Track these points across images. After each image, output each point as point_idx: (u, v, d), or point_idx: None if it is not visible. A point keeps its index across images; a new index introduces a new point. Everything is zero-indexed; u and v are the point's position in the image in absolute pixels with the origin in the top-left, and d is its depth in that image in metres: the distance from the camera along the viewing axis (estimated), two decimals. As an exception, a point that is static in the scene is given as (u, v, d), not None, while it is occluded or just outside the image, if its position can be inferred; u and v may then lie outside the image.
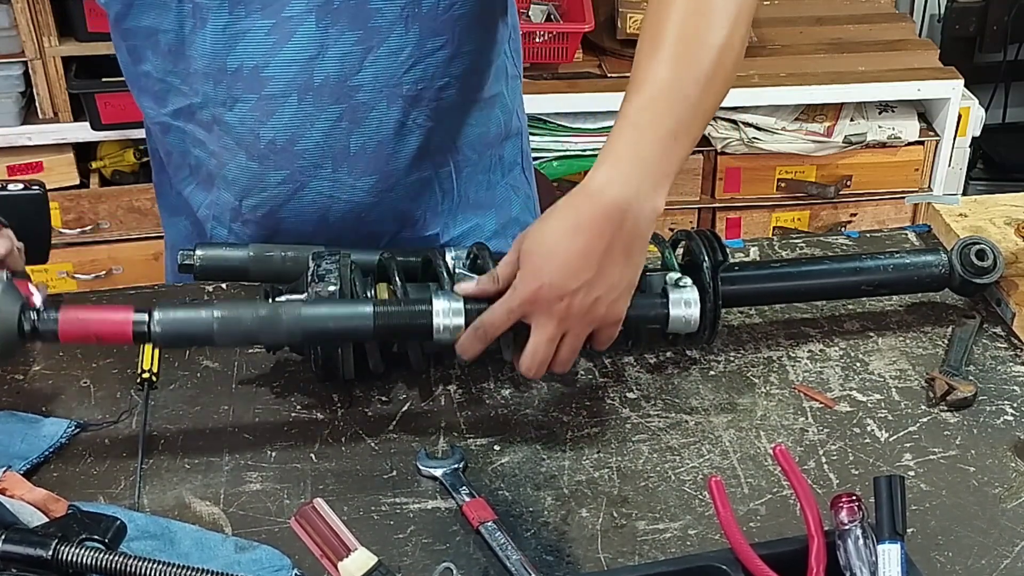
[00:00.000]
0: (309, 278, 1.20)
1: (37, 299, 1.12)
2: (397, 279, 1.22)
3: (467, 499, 1.10)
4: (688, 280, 1.21)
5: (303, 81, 1.29)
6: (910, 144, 2.99)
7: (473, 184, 1.46)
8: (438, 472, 1.14)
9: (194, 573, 0.92)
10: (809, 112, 2.96)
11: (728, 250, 1.29)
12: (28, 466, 1.14)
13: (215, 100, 1.31)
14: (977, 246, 1.34)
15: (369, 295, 1.22)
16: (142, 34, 1.30)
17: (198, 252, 1.31)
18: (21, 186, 1.26)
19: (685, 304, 1.19)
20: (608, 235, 1.06)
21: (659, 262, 1.27)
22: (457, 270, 1.29)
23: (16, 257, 1.20)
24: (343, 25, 1.26)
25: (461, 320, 1.14)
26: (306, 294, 1.19)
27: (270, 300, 1.22)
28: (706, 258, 1.25)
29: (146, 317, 1.11)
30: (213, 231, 1.45)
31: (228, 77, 1.29)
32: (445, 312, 1.14)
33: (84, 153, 2.88)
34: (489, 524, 1.07)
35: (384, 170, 1.36)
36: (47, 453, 1.17)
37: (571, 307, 1.08)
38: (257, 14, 1.25)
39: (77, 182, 2.86)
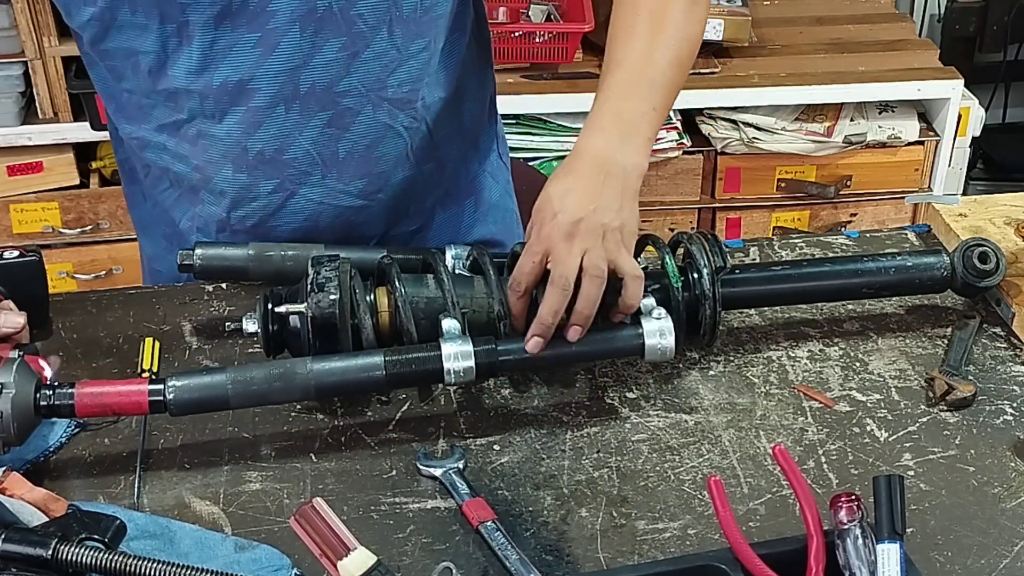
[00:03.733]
0: (308, 287, 1.19)
1: (49, 373, 1.15)
2: (398, 283, 1.22)
3: (467, 499, 1.10)
4: (663, 311, 1.21)
5: (290, 91, 1.29)
6: (910, 144, 2.98)
7: (453, 175, 1.47)
8: (438, 472, 1.14)
9: (194, 572, 0.92)
10: (809, 112, 2.96)
11: (728, 251, 1.30)
12: (28, 466, 1.14)
13: (202, 115, 1.31)
14: (980, 248, 1.34)
15: (369, 300, 1.22)
16: (121, 55, 1.29)
17: (198, 251, 1.32)
18: (17, 253, 1.29)
19: (660, 334, 1.19)
20: (600, 178, 1.18)
21: (659, 264, 1.28)
22: (457, 271, 1.29)
23: (26, 331, 1.22)
24: (327, 33, 1.26)
25: (471, 363, 1.15)
26: (305, 304, 1.19)
27: (269, 306, 1.21)
28: (706, 264, 1.25)
29: (161, 387, 1.12)
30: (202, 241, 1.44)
31: (214, 92, 1.29)
32: (455, 356, 1.15)
33: (84, 153, 2.87)
34: (488, 524, 1.07)
35: (372, 173, 1.37)
36: (47, 453, 1.17)
37: (583, 229, 1.15)
38: (243, 28, 1.25)
39: (77, 182, 2.85)
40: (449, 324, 1.18)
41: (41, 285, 1.32)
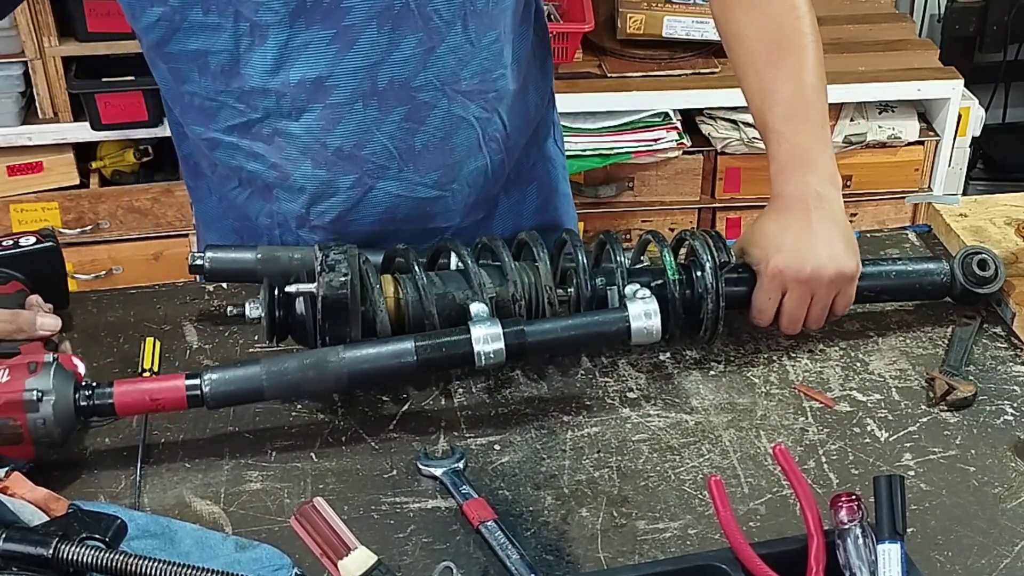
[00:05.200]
0: (318, 268, 1.19)
1: (82, 369, 1.16)
2: (418, 268, 1.23)
3: (467, 498, 1.10)
4: (647, 292, 1.21)
5: (368, 87, 1.30)
6: (910, 144, 2.99)
7: (517, 162, 1.49)
8: (438, 471, 1.14)
9: (195, 572, 0.92)
10: (809, 112, 2.95)
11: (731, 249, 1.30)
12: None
13: (278, 113, 1.31)
14: (979, 256, 1.34)
15: (378, 286, 1.22)
16: (188, 57, 1.29)
17: (208, 254, 1.32)
18: (33, 240, 1.30)
19: (646, 316, 1.19)
20: (809, 222, 1.26)
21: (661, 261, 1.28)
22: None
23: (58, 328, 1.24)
24: (405, 29, 1.27)
25: (501, 344, 1.16)
26: (316, 284, 1.19)
27: (275, 292, 1.22)
28: (708, 259, 1.25)
29: (197, 381, 1.13)
30: (282, 237, 1.44)
31: (292, 90, 1.29)
32: (485, 339, 1.16)
33: (84, 153, 2.88)
34: (489, 523, 1.07)
35: (446, 164, 1.38)
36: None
37: (811, 275, 1.25)
38: (317, 26, 1.25)
39: (77, 182, 2.86)
40: (477, 307, 1.19)
41: (60, 269, 1.33)
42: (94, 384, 1.13)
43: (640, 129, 2.89)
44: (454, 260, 1.30)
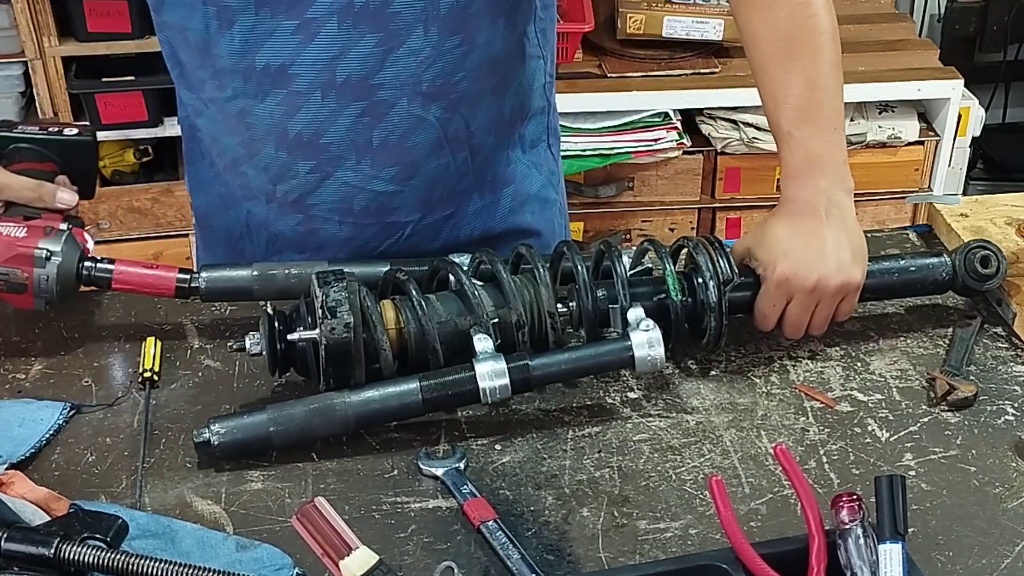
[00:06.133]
0: (320, 314, 1.16)
1: (91, 245, 1.31)
2: (415, 294, 1.21)
3: (468, 498, 1.10)
4: (650, 322, 1.20)
5: (327, 79, 1.31)
6: (910, 144, 2.99)
7: (491, 164, 1.48)
8: (439, 471, 1.14)
9: (195, 571, 0.92)
10: (809, 112, 2.95)
11: (730, 250, 1.30)
12: (33, 450, 1.16)
13: (245, 94, 1.33)
14: (981, 252, 1.33)
15: (380, 325, 1.20)
16: (174, 28, 1.33)
17: (203, 275, 1.31)
18: (76, 131, 1.41)
19: (649, 345, 1.19)
20: (820, 228, 1.26)
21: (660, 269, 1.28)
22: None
23: (77, 208, 1.36)
24: (364, 27, 1.28)
25: (506, 380, 1.16)
26: (318, 330, 1.16)
27: (276, 325, 1.20)
28: (712, 276, 1.25)
29: (188, 276, 1.29)
30: (254, 208, 1.46)
31: (257, 74, 1.31)
32: (489, 375, 1.16)
33: (84, 153, 2.87)
34: (490, 523, 1.07)
35: (404, 161, 1.38)
36: (48, 436, 1.18)
37: (817, 284, 1.25)
38: (282, 15, 1.27)
39: (77, 182, 2.85)
40: (482, 345, 1.18)
41: (93, 163, 1.43)
42: (98, 259, 1.28)
43: (640, 129, 2.89)
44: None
